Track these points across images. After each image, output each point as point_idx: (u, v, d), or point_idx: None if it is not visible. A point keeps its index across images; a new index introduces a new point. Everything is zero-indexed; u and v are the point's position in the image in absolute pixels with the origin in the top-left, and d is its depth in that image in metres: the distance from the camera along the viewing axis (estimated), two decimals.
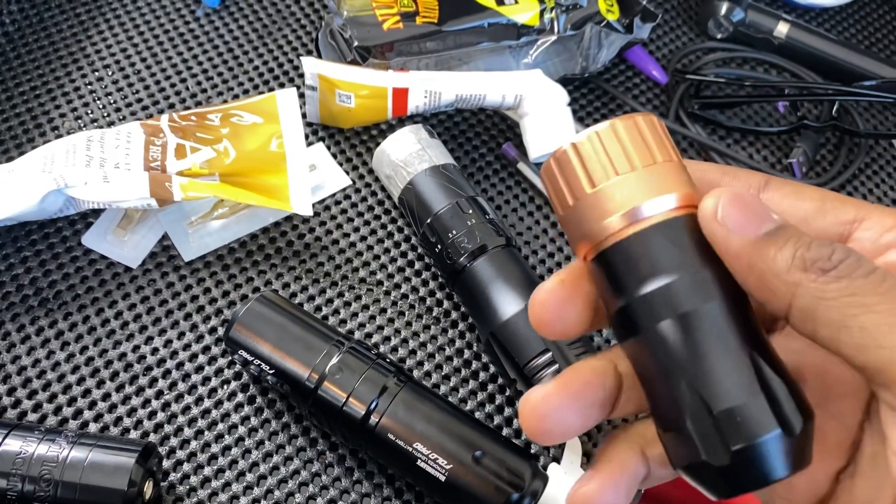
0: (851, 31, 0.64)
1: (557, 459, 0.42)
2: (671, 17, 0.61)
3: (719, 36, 0.60)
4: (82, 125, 0.50)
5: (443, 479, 0.37)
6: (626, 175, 0.20)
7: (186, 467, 0.40)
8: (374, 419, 0.38)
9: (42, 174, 0.42)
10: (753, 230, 0.19)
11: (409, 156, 0.47)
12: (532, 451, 0.42)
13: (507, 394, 0.44)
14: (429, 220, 0.45)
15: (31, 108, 0.50)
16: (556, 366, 0.39)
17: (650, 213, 0.20)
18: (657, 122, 0.21)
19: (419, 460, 0.37)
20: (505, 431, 0.43)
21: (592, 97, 0.56)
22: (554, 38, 0.52)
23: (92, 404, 0.41)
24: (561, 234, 0.50)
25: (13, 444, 0.36)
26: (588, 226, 0.20)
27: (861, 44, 0.63)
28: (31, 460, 0.35)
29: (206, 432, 0.41)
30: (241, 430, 0.41)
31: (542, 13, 0.51)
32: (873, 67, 0.58)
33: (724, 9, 0.58)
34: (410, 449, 0.37)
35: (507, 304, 0.42)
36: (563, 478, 0.41)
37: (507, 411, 0.43)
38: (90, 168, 0.43)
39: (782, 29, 0.58)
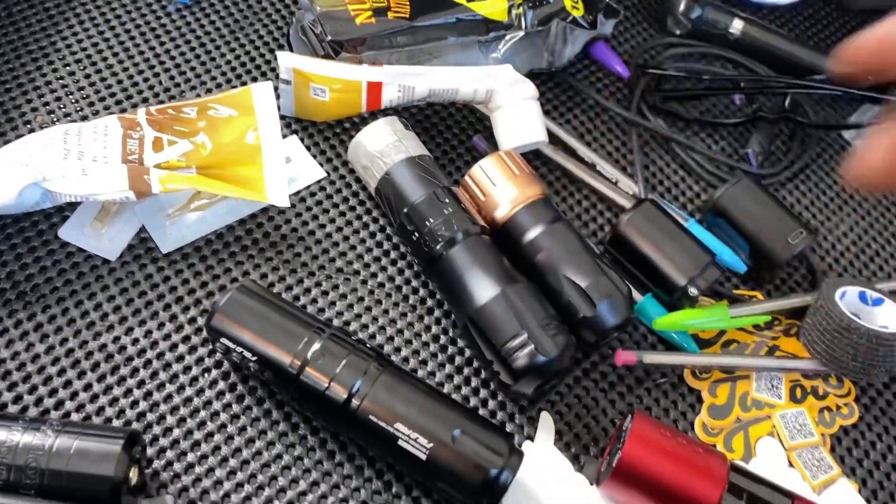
0: (801, 27, 0.67)
1: (531, 438, 0.44)
2: (632, 14, 0.64)
3: (678, 32, 0.62)
4: (55, 119, 0.50)
5: (424, 457, 0.38)
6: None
7: (170, 454, 0.41)
8: (355, 402, 0.39)
9: (19, 167, 0.42)
10: None
11: (385, 146, 0.48)
12: (507, 430, 0.44)
13: (482, 376, 0.45)
14: (406, 210, 0.46)
15: (2, 101, 0.50)
16: (532, 346, 0.40)
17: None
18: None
19: (400, 440, 0.39)
20: (481, 412, 0.44)
21: (558, 91, 0.58)
22: (521, 33, 0.54)
23: (73, 395, 0.41)
24: None
25: None
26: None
27: (810, 40, 0.66)
28: (16, 449, 0.35)
29: (188, 420, 0.42)
30: (224, 416, 0.42)
31: (509, 9, 0.53)
32: (822, 62, 0.61)
33: (682, 6, 0.61)
34: (392, 430, 0.39)
35: (483, 289, 0.43)
36: (537, 454, 0.43)
37: (483, 393, 0.45)
38: (68, 161, 0.43)
39: (737, 25, 0.61)
